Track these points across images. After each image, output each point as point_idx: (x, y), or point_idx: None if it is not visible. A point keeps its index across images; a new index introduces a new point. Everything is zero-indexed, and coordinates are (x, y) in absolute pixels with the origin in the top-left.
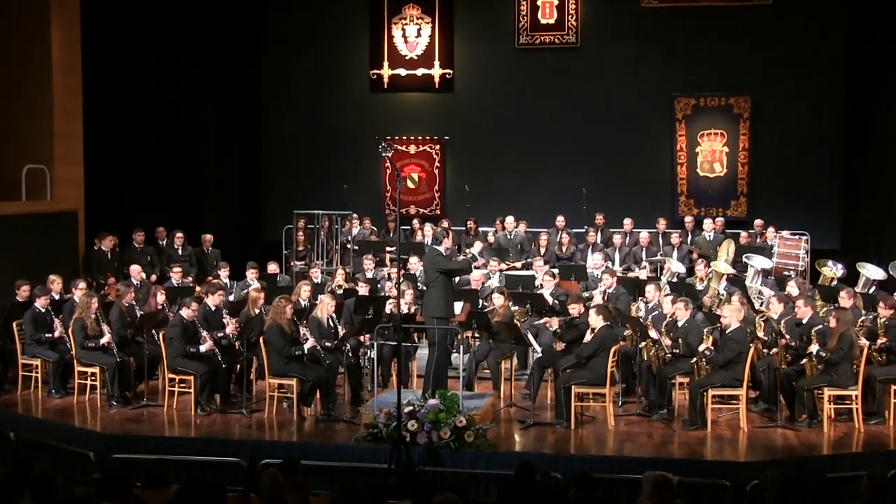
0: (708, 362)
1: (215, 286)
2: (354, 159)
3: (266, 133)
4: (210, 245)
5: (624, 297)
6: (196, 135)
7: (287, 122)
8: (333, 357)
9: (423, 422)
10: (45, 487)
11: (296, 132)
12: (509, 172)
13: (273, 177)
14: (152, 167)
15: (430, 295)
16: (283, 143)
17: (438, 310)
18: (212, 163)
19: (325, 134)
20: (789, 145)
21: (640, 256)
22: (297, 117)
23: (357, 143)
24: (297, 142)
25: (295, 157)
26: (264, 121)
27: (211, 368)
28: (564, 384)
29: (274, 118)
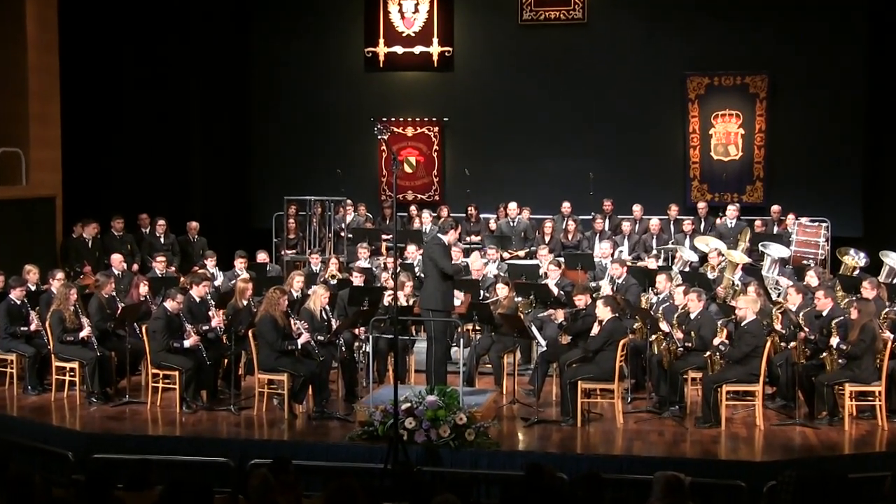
0: (722, 357)
1: (200, 276)
2: (348, 142)
3: (255, 115)
4: (196, 233)
5: (634, 288)
6: (181, 117)
7: (277, 103)
8: (326, 351)
9: (421, 419)
10: (21, 490)
11: (287, 114)
12: (512, 156)
13: (263, 161)
14: (134, 151)
15: (427, 286)
16: (274, 125)
17: (436, 302)
18: (198, 146)
19: (318, 116)
20: (809, 127)
21: (650, 245)
22: (287, 98)
23: (351, 126)
24: (287, 124)
25: (286, 140)
26: (253, 102)
27: (197, 363)
28: (570, 379)
29: (263, 99)
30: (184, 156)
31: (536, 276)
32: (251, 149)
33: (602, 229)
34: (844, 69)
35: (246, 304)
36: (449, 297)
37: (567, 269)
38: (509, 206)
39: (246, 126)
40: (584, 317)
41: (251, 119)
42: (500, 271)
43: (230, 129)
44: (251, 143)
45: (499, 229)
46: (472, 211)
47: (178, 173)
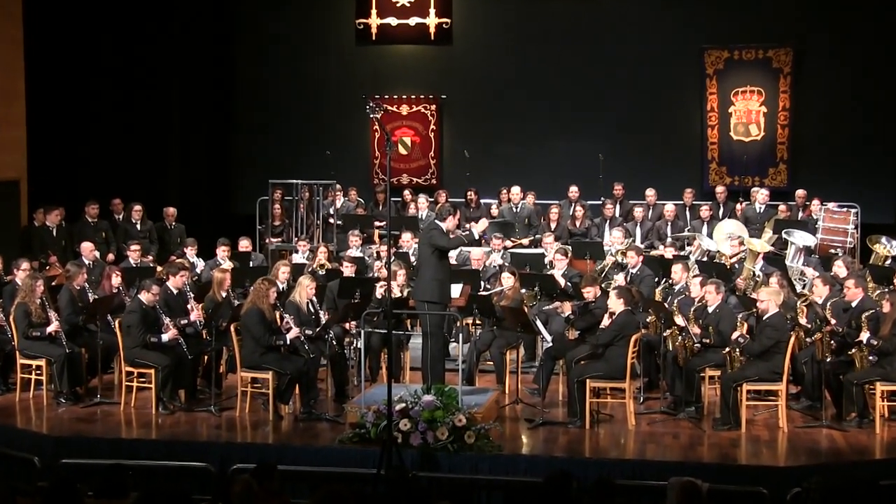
0: (742, 353)
1: (178, 266)
2: (338, 121)
3: (237, 92)
4: (173, 220)
5: (648, 279)
6: (158, 94)
7: (262, 79)
8: (315, 347)
9: (417, 421)
10: None
11: (272, 91)
12: (515, 136)
13: (246, 142)
14: (107, 130)
15: (423, 276)
16: (257, 103)
17: (432, 293)
18: (176, 126)
19: (305, 93)
20: (837, 104)
21: (664, 232)
22: (273, 74)
23: (341, 104)
24: (273, 102)
25: (271, 119)
26: (236, 78)
27: (174, 360)
28: (578, 378)
29: (246, 75)
30: (161, 136)
31: (541, 266)
32: (234, 129)
33: (612, 216)
34: (876, 41)
35: (225, 296)
36: (446, 288)
37: (574, 259)
38: (512, 190)
39: (228, 105)
40: (593, 310)
41: (234, 97)
42: (504, 261)
43: (211, 108)
44: (234, 122)
45: (501, 216)
46: (471, 196)
47: (155, 155)
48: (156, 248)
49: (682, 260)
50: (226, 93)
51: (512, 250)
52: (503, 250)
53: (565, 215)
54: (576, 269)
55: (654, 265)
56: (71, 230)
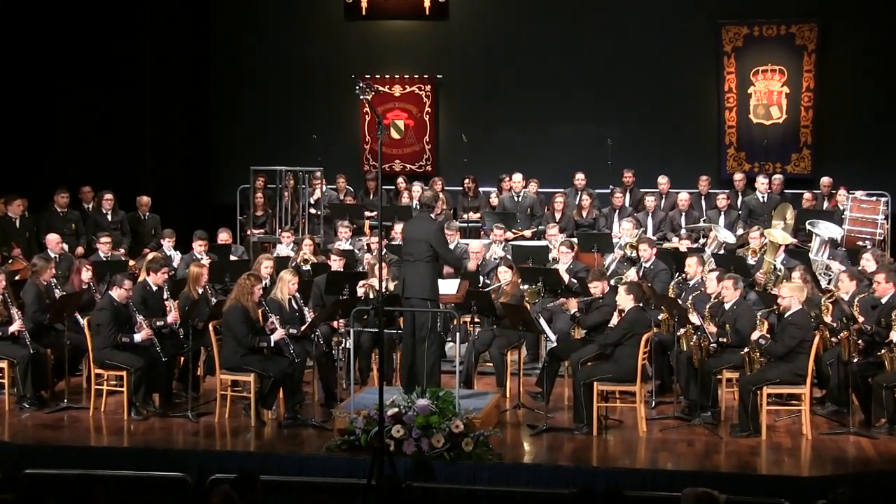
0: (762, 353)
1: (158, 261)
2: (325, 104)
3: (216, 73)
4: (147, 209)
5: (663, 274)
6: (131, 75)
7: (242, 58)
8: (300, 348)
9: (410, 427)
10: None
11: (254, 71)
12: (517, 119)
13: (225, 126)
14: (77, 114)
15: (417, 270)
16: (238, 84)
17: (422, 289)
18: (150, 109)
19: (290, 73)
20: (866, 85)
21: (678, 223)
22: (254, 53)
23: (329, 84)
24: (254, 83)
25: (252, 101)
26: (214, 58)
27: (148, 362)
28: (585, 380)
29: (226, 54)
30: (134, 120)
31: (545, 260)
32: (212, 112)
33: (622, 205)
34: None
35: (201, 292)
36: (437, 283)
37: (581, 252)
38: (513, 177)
39: (206, 86)
40: (601, 307)
41: (212, 78)
42: (505, 253)
43: (188, 89)
44: (212, 105)
45: (501, 205)
46: (469, 183)
47: (128, 140)
48: (128, 241)
49: (698, 253)
50: (204, 73)
51: (513, 243)
52: (504, 242)
53: (571, 205)
54: (582, 262)
55: (666, 258)
56: (37, 221)
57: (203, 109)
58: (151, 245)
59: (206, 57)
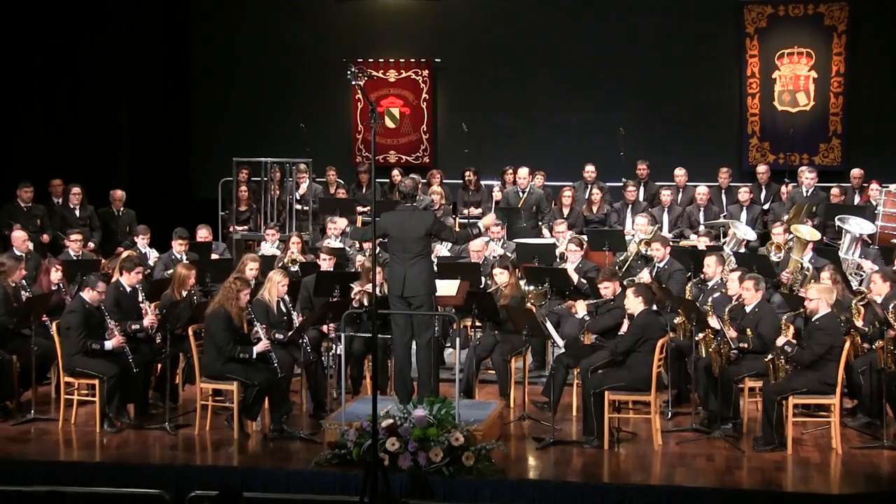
0: (788, 360)
1: (132, 260)
2: (314, 90)
3: (196, 57)
4: (121, 204)
5: (678, 274)
6: (103, 60)
7: (224, 41)
8: (287, 354)
9: (406, 440)
10: None
11: (236, 55)
12: (522, 107)
13: (206, 114)
14: (46, 102)
15: (416, 269)
16: (220, 69)
17: (418, 286)
18: (124, 96)
19: (276, 57)
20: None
21: (696, 219)
22: (237, 36)
23: (318, 69)
24: (237, 68)
25: (235, 88)
26: (194, 41)
27: (122, 369)
28: (595, 389)
29: (207, 37)
30: (107, 108)
31: (552, 259)
32: (192, 99)
33: (635, 200)
34: None
35: (185, 295)
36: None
37: (591, 250)
38: (519, 171)
39: (185, 71)
40: (612, 310)
41: (192, 62)
42: (506, 251)
43: (166, 75)
44: (192, 91)
45: (505, 199)
46: (470, 176)
47: (100, 129)
48: (98, 237)
49: (717, 251)
50: (183, 57)
51: (517, 240)
52: (502, 239)
53: (580, 199)
54: (592, 262)
55: (684, 257)
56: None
57: (182, 97)
58: (126, 243)
59: (185, 40)
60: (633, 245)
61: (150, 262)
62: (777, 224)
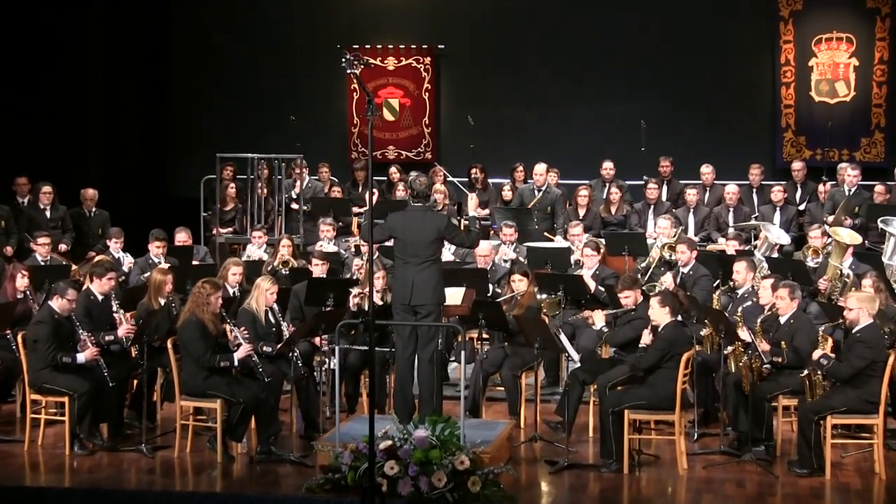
0: (826, 376)
1: (104, 265)
2: (306, 80)
3: (176, 44)
4: (93, 204)
5: (704, 281)
6: (73, 47)
7: (207, 27)
8: (276, 368)
9: (406, 463)
10: None
11: (219, 41)
12: (533, 97)
13: (187, 106)
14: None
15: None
16: (202, 57)
17: (427, 295)
18: (96, 86)
19: (263, 43)
20: None
21: (724, 221)
22: (220, 20)
23: (309, 57)
24: (221, 55)
25: (218, 77)
26: (174, 26)
27: (94, 386)
28: (614, 408)
29: (187, 22)
30: (78, 99)
31: (566, 265)
32: (171, 90)
33: (658, 199)
34: None
35: (164, 303)
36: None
37: (609, 255)
38: (536, 167)
39: (164, 59)
40: (633, 320)
41: (171, 50)
42: (518, 255)
43: (141, 64)
44: (171, 81)
45: (518, 198)
46: (477, 174)
47: (70, 123)
48: (70, 240)
49: (748, 256)
50: (161, 44)
51: (529, 244)
52: (514, 243)
53: (597, 199)
54: (611, 268)
55: (711, 263)
56: None
57: (160, 87)
58: (98, 246)
59: (163, 26)
60: (655, 249)
61: (124, 267)
62: (814, 226)
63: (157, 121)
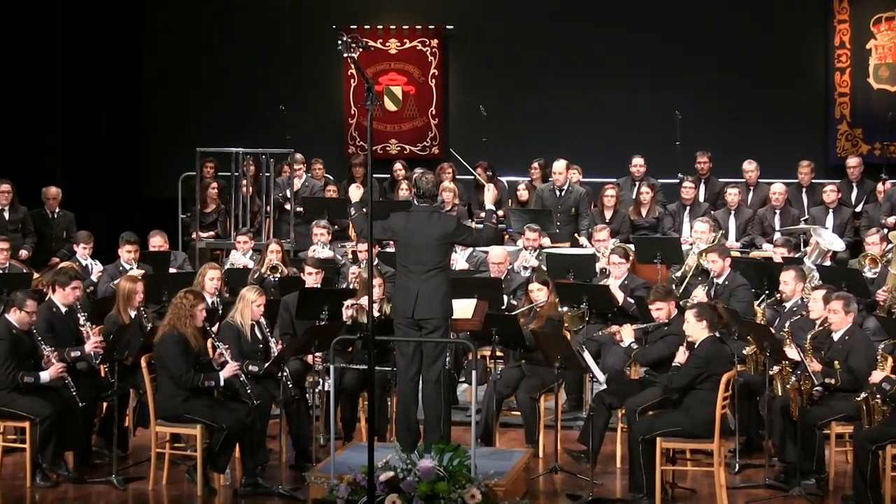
0: (885, 400)
1: (68, 274)
2: (297, 65)
3: (151, 25)
4: (56, 204)
5: (743, 292)
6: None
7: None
8: (263, 390)
9: (410, 497)
10: None
11: (199, 22)
12: (553, 85)
13: (162, 95)
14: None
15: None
16: (179, 40)
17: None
18: (59, 73)
19: (249, 23)
20: None
21: (770, 224)
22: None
23: (301, 39)
24: (201, 38)
25: (198, 62)
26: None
27: (59, 409)
28: (645, 435)
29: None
30: (39, 87)
31: (591, 273)
32: (144, 76)
33: (694, 200)
34: None
35: (134, 315)
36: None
37: (639, 263)
38: (555, 164)
39: (137, 41)
40: (666, 336)
41: (145, 31)
42: (540, 263)
43: (110, 46)
44: (144, 66)
45: (538, 199)
46: (481, 171)
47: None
48: (31, 245)
49: (796, 264)
50: (134, 24)
51: (548, 250)
52: (538, 249)
53: (626, 199)
54: (641, 277)
55: (754, 272)
56: None
57: (132, 72)
58: (62, 252)
59: (134, 4)
60: (691, 256)
61: (92, 276)
62: (871, 231)
63: (128, 111)
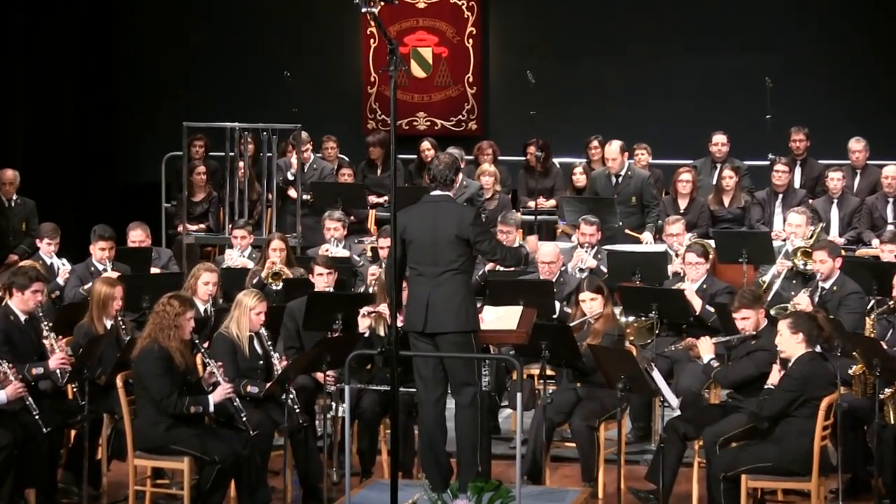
0: None
1: (28, 275)
2: (305, 23)
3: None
4: (14, 191)
5: (854, 301)
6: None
7: None
8: (263, 416)
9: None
10: None
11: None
12: (614, 48)
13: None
14: None
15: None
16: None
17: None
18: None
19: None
20: None
21: (881, 216)
22: None
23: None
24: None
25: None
26: None
27: (19, 436)
28: (727, 472)
29: None
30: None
31: (663, 276)
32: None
33: (788, 186)
34: None
35: (110, 325)
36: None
37: (720, 263)
38: (608, 147)
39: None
40: (754, 352)
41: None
42: (599, 263)
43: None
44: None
45: (591, 188)
46: (538, 152)
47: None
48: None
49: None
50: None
51: (609, 247)
52: (595, 247)
53: (704, 186)
54: (723, 280)
55: (862, 274)
56: None
57: (107, 34)
58: (21, 248)
59: None
60: (784, 255)
61: (58, 278)
62: None
63: (102, 79)
